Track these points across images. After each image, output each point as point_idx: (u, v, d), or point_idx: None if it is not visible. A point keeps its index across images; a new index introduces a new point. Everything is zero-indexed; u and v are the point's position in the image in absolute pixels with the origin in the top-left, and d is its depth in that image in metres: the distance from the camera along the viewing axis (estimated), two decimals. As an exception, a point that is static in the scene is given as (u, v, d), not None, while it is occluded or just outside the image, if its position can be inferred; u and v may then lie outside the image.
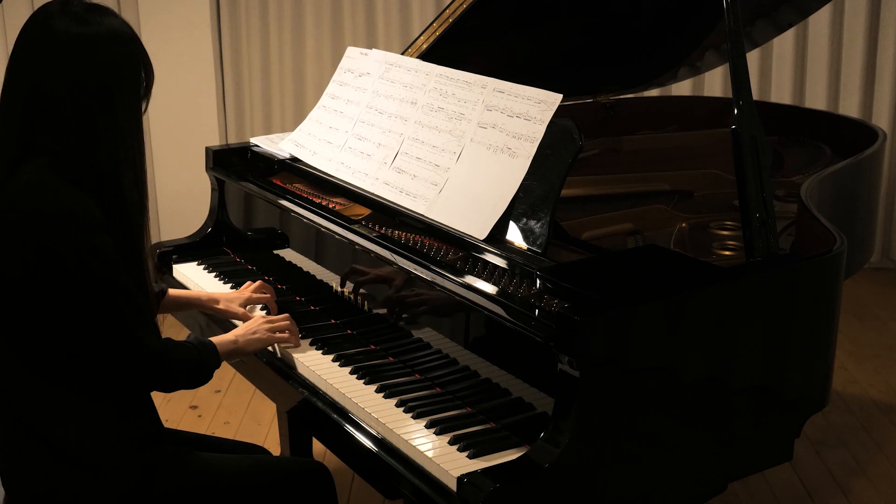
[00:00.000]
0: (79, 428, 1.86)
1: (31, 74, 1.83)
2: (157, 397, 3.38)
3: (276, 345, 2.22)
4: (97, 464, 1.87)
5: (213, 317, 2.44)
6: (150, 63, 1.92)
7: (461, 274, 1.98)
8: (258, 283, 2.39)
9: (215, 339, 2.07)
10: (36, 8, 1.90)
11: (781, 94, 4.88)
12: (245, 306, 2.35)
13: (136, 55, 1.88)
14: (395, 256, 2.13)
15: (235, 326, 2.29)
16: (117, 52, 1.85)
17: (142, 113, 1.92)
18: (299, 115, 4.89)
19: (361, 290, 2.29)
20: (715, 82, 4.87)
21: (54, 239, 1.77)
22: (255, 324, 2.18)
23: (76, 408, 1.86)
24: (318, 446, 3.11)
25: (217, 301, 2.34)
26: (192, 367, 1.96)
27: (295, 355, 2.18)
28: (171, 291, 2.35)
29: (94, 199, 1.82)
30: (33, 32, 1.86)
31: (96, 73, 1.82)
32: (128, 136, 1.87)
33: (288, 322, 2.21)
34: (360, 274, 2.30)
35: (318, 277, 2.46)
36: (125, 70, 1.86)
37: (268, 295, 2.38)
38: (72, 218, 1.77)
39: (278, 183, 2.65)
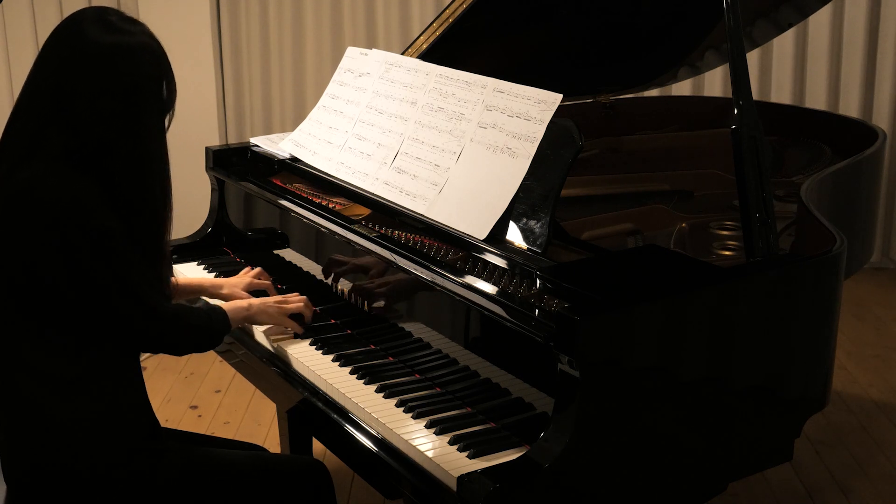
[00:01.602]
0: (83, 420, 1.87)
1: (57, 75, 1.87)
2: (157, 397, 3.37)
3: (276, 343, 2.23)
4: (99, 456, 1.88)
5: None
6: (174, 80, 1.96)
7: (461, 274, 1.98)
8: (258, 269, 2.46)
9: (226, 305, 2.14)
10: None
11: (781, 94, 4.88)
12: (248, 291, 2.40)
13: (160, 69, 1.92)
14: (395, 256, 2.13)
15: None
16: (143, 64, 1.89)
17: (165, 127, 1.96)
18: (299, 115, 4.89)
19: (357, 287, 2.29)
20: (715, 82, 4.87)
21: (61, 224, 1.81)
22: (272, 299, 2.26)
23: (82, 399, 1.88)
24: (317, 446, 3.11)
25: (221, 287, 2.39)
26: (203, 331, 2.04)
27: (295, 355, 2.19)
28: (176, 279, 2.37)
29: (104, 190, 1.86)
30: (66, 35, 1.90)
31: (120, 83, 1.86)
32: (151, 148, 1.92)
33: (302, 304, 2.27)
34: (355, 269, 2.30)
35: (318, 277, 2.46)
36: (147, 82, 1.90)
37: (268, 281, 2.44)
38: (78, 202, 1.82)
39: (278, 183, 2.66)
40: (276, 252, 2.64)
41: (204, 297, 2.46)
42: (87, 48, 1.86)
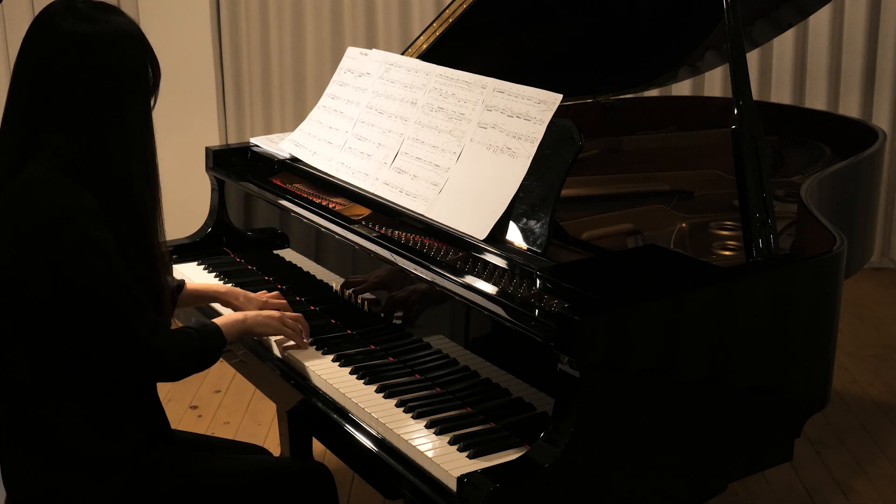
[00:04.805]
0: (80, 427, 1.86)
1: (37, 74, 1.83)
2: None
3: (277, 345, 2.23)
4: (98, 464, 1.87)
5: (209, 315, 2.42)
6: (157, 60, 1.92)
7: (461, 274, 1.98)
8: (275, 292, 2.36)
9: (220, 320, 2.06)
10: (35, 8, 1.90)
11: (781, 94, 4.88)
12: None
13: (143, 53, 1.89)
14: (395, 256, 2.13)
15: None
16: (124, 49, 1.85)
17: (151, 110, 1.92)
18: (299, 115, 4.89)
19: (357, 287, 2.29)
20: (715, 82, 4.87)
21: (52, 232, 1.77)
22: (268, 312, 2.18)
23: (78, 407, 1.86)
24: (318, 446, 3.11)
25: (237, 297, 2.30)
26: (196, 356, 1.95)
27: (295, 355, 2.18)
28: (189, 284, 2.31)
29: (97, 195, 1.82)
30: (39, 32, 1.85)
31: (104, 72, 1.82)
32: (138, 134, 1.88)
33: (299, 324, 2.21)
34: (360, 277, 2.30)
35: (318, 277, 2.46)
36: (132, 68, 1.86)
37: (284, 302, 2.35)
38: (70, 211, 1.78)
39: (278, 183, 2.65)
40: (275, 252, 2.64)
41: (213, 304, 2.39)
42: (66, 41, 1.81)
